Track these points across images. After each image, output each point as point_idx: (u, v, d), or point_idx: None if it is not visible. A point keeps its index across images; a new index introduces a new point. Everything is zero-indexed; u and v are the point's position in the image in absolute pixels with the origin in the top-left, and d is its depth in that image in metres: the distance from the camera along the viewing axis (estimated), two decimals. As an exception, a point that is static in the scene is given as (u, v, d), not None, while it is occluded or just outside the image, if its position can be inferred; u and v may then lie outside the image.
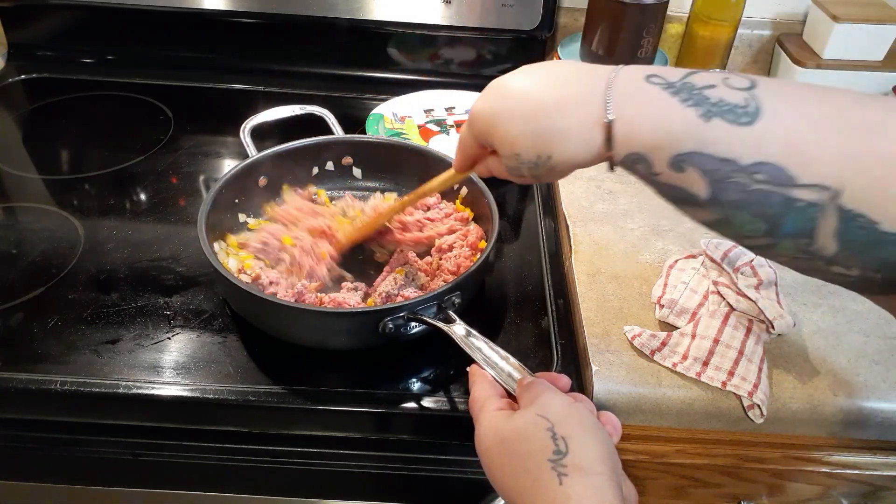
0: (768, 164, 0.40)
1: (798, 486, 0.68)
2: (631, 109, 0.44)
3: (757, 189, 0.40)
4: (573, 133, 0.45)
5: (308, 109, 0.86)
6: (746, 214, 0.42)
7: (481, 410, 0.48)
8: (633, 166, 0.45)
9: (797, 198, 0.39)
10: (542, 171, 0.47)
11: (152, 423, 0.64)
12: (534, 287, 0.74)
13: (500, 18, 1.03)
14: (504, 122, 0.47)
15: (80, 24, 1.09)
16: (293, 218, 0.75)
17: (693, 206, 0.44)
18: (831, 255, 0.40)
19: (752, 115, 0.40)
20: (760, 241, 0.43)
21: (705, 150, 0.41)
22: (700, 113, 0.41)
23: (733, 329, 0.63)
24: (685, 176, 0.42)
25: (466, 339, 0.57)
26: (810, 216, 0.40)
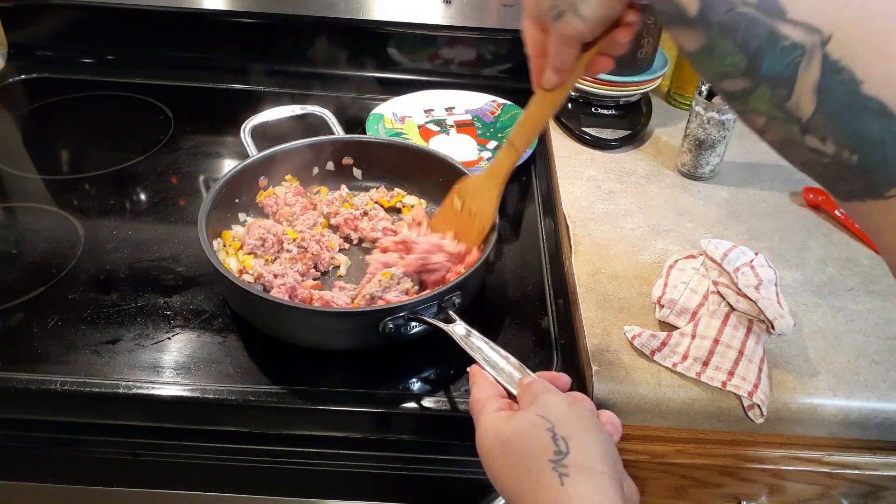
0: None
1: (798, 486, 0.68)
2: None
3: (743, 12, 0.39)
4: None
5: (308, 109, 0.86)
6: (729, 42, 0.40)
7: (482, 411, 0.48)
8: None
9: (783, 33, 0.38)
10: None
11: (152, 423, 0.64)
12: (534, 287, 0.74)
13: (500, 18, 1.03)
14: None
15: (80, 24, 1.09)
16: (287, 213, 0.76)
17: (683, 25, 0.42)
18: (807, 116, 0.38)
19: None
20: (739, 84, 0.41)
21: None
22: None
23: (733, 329, 0.63)
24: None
25: (467, 338, 0.57)
26: (792, 60, 0.38)
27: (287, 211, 0.76)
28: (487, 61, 1.10)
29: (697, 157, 0.86)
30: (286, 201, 0.77)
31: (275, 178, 0.79)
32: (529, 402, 0.46)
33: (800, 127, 0.39)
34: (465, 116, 1.01)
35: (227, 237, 0.73)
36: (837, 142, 0.37)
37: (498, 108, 1.02)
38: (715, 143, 0.85)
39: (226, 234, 0.73)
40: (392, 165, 0.83)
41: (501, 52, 1.08)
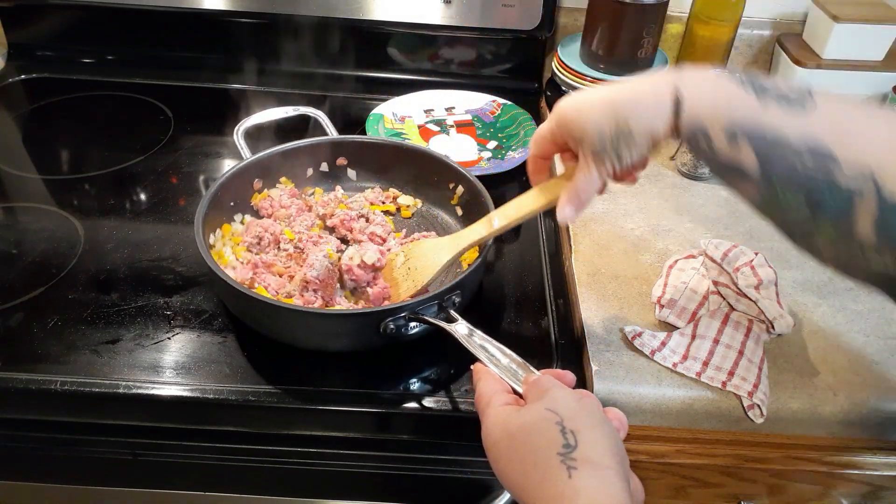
0: (815, 144, 0.44)
1: (798, 486, 0.68)
2: (695, 84, 0.49)
3: (803, 169, 0.44)
4: (647, 103, 0.51)
5: (301, 111, 0.86)
6: (792, 195, 0.45)
7: (488, 405, 0.48)
8: (696, 139, 0.49)
9: (839, 183, 0.43)
10: (624, 143, 0.51)
11: (152, 423, 0.64)
12: (534, 287, 0.74)
13: (500, 18, 1.03)
14: (587, 106, 0.53)
15: (80, 24, 1.09)
16: (283, 216, 0.76)
17: (745, 182, 0.48)
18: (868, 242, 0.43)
19: (801, 104, 0.45)
20: (804, 226, 0.46)
21: (759, 126, 0.46)
22: (756, 94, 0.47)
23: (733, 329, 0.63)
24: (739, 149, 0.47)
25: (470, 337, 0.57)
26: (851, 204, 0.43)
27: (283, 213, 0.76)
28: (487, 61, 1.10)
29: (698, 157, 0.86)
30: (281, 203, 0.77)
31: (269, 181, 0.79)
32: (537, 396, 0.46)
33: (864, 252, 0.44)
34: (465, 116, 1.01)
35: (228, 231, 0.74)
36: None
37: (498, 108, 1.02)
38: (715, 143, 0.85)
39: (226, 228, 0.74)
40: (386, 165, 0.83)
41: (501, 52, 1.08)
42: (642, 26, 0.90)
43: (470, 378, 0.62)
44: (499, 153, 0.94)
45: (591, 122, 0.52)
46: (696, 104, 0.49)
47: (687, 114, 0.49)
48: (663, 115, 0.50)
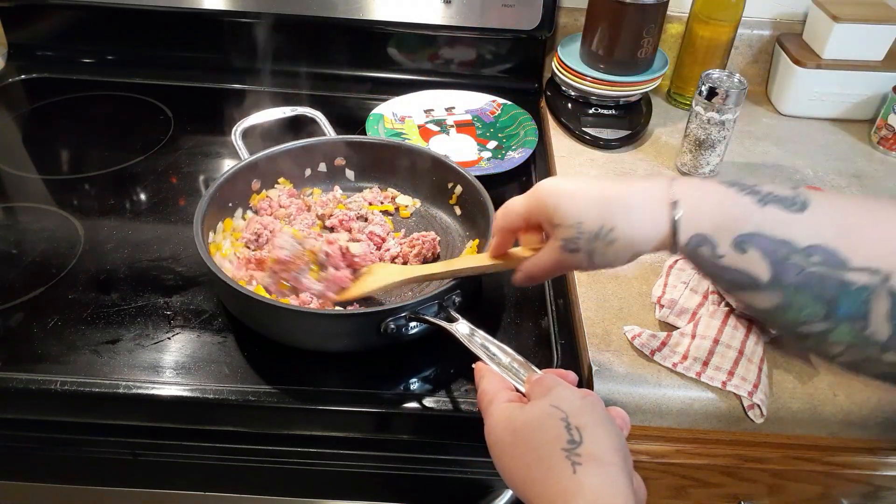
0: (821, 246, 0.44)
1: (798, 486, 0.68)
2: (693, 196, 0.48)
3: (813, 271, 0.44)
4: (639, 208, 0.49)
5: (299, 111, 0.86)
6: (806, 297, 0.45)
7: (491, 403, 0.48)
8: (697, 250, 0.48)
9: (850, 280, 0.43)
10: (600, 245, 0.49)
11: (152, 423, 0.64)
12: (534, 287, 0.74)
13: (500, 18, 1.03)
14: (573, 193, 0.50)
15: (80, 24, 1.09)
16: (282, 216, 0.76)
17: (755, 290, 0.47)
18: (885, 339, 0.43)
19: (801, 205, 0.46)
20: (818, 327, 0.46)
21: (764, 231, 0.45)
22: (755, 200, 0.46)
23: (733, 329, 0.63)
24: (747, 257, 0.46)
25: (471, 337, 0.57)
26: (864, 299, 0.43)
27: (282, 213, 0.77)
28: (487, 61, 1.10)
29: (697, 157, 0.86)
30: (280, 203, 0.77)
31: (268, 181, 0.79)
32: (541, 394, 0.46)
33: (878, 348, 0.44)
34: (465, 116, 1.01)
35: (229, 226, 0.74)
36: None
37: (498, 108, 1.02)
38: (715, 143, 0.85)
39: (228, 222, 0.75)
40: (384, 165, 0.82)
41: (501, 52, 1.08)
42: (642, 26, 0.90)
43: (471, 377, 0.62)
44: (499, 153, 0.94)
45: (574, 211, 0.49)
46: (693, 214, 0.47)
47: (685, 225, 0.47)
48: (656, 227, 0.48)
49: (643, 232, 0.49)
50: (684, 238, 0.48)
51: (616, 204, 0.49)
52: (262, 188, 0.79)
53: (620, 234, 0.49)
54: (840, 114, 1.02)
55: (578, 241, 0.50)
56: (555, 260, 0.52)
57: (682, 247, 0.48)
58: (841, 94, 1.00)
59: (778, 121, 1.03)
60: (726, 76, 0.83)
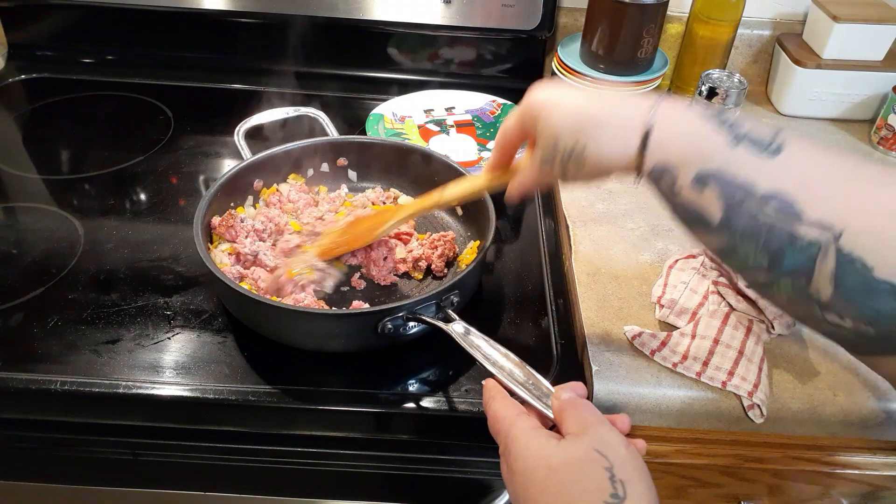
0: (780, 196, 0.42)
1: (798, 486, 0.68)
2: (670, 123, 0.46)
3: (765, 220, 0.42)
4: (613, 130, 0.47)
5: (302, 111, 0.86)
6: (752, 245, 0.43)
7: (513, 427, 0.46)
8: (658, 179, 0.47)
9: (801, 235, 0.41)
10: (572, 163, 0.49)
11: (152, 423, 0.64)
12: (534, 287, 0.74)
13: (500, 18, 1.03)
14: (556, 107, 0.49)
15: (80, 24, 1.09)
16: (291, 210, 0.77)
17: (705, 229, 0.46)
18: (826, 299, 0.42)
19: (773, 151, 0.43)
20: (761, 277, 0.45)
21: (727, 171, 0.43)
22: (729, 138, 0.44)
23: (733, 329, 0.63)
24: (704, 195, 0.44)
25: (466, 337, 0.57)
26: (810, 255, 0.41)
27: (290, 207, 0.77)
28: (487, 61, 1.10)
29: (697, 157, 0.86)
30: (289, 198, 0.78)
31: (270, 181, 0.79)
32: (580, 428, 0.45)
33: (819, 307, 0.43)
34: (465, 116, 1.01)
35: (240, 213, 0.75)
36: (855, 318, 0.41)
37: (498, 109, 1.02)
38: (715, 143, 0.84)
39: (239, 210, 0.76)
40: (387, 166, 0.83)
41: (501, 52, 1.08)
42: (642, 26, 0.90)
43: (470, 378, 0.63)
44: (499, 153, 0.94)
45: (552, 126, 0.49)
46: (665, 141, 0.46)
47: (653, 152, 0.46)
48: (626, 150, 0.47)
49: (611, 154, 0.47)
50: (648, 165, 0.46)
51: (591, 122, 0.48)
52: (264, 188, 0.79)
53: (590, 154, 0.48)
54: (840, 114, 1.02)
55: (554, 156, 0.49)
56: (535, 175, 0.53)
57: (646, 173, 0.47)
58: (841, 94, 1.00)
59: (778, 121, 1.03)
60: (726, 76, 0.83)
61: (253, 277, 0.67)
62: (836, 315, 0.42)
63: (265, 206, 0.78)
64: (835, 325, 0.43)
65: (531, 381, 0.52)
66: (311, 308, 0.64)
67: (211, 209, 0.70)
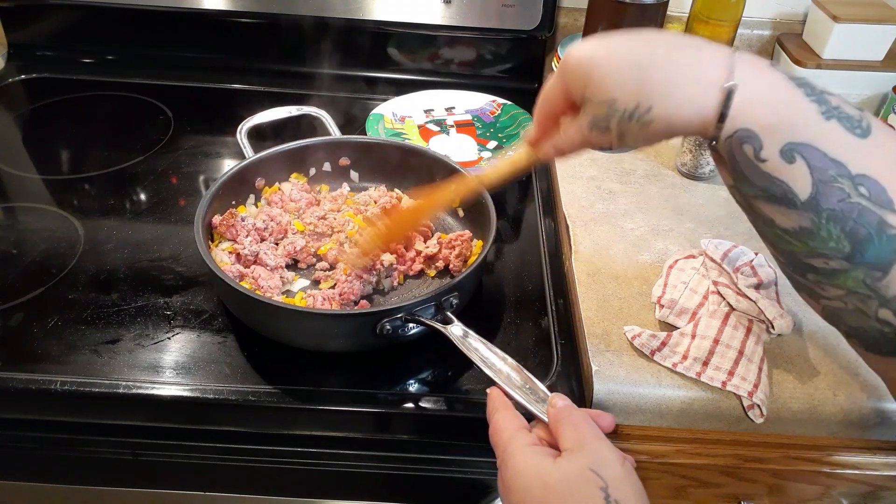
0: (873, 179, 0.39)
1: (798, 486, 0.68)
2: (755, 84, 0.41)
3: (857, 202, 0.39)
4: (685, 88, 0.41)
5: (304, 110, 0.86)
6: (836, 229, 0.40)
7: (511, 441, 0.46)
8: (741, 146, 0.41)
9: (891, 223, 0.39)
10: (634, 126, 0.43)
11: (152, 423, 0.64)
12: (534, 287, 0.74)
13: (500, 18, 1.03)
14: (607, 63, 0.43)
15: (80, 24, 1.09)
16: (293, 209, 0.77)
17: (787, 205, 0.41)
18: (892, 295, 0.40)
19: (864, 130, 0.40)
20: (835, 265, 0.41)
21: (820, 145, 0.39)
22: (821, 110, 0.40)
23: (733, 329, 0.63)
24: (792, 168, 0.40)
25: (464, 339, 0.57)
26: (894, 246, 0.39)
27: (293, 206, 0.77)
28: (487, 61, 1.09)
29: (697, 157, 0.86)
30: (291, 197, 0.78)
31: (271, 180, 0.79)
32: (576, 444, 0.44)
33: (879, 302, 0.40)
34: (465, 116, 1.01)
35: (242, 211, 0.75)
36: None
37: (498, 108, 1.02)
38: (715, 143, 0.85)
39: (241, 209, 0.76)
40: (389, 166, 0.82)
41: (501, 52, 1.08)
42: (642, 26, 0.90)
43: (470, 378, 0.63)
44: (499, 153, 0.94)
45: (606, 86, 0.43)
46: (749, 105, 0.40)
47: (736, 116, 0.41)
48: (702, 108, 0.41)
49: (682, 115, 0.42)
50: (729, 130, 0.41)
51: (658, 80, 0.41)
52: (266, 187, 0.79)
53: (658, 115, 0.42)
54: (840, 114, 1.02)
55: (611, 121, 0.43)
56: (583, 137, 0.46)
57: (725, 139, 0.42)
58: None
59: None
60: (726, 76, 0.83)
61: (253, 276, 0.67)
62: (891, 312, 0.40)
63: (267, 204, 0.78)
64: (882, 322, 0.40)
65: (528, 384, 0.52)
66: (310, 308, 0.64)
67: (212, 208, 0.70)
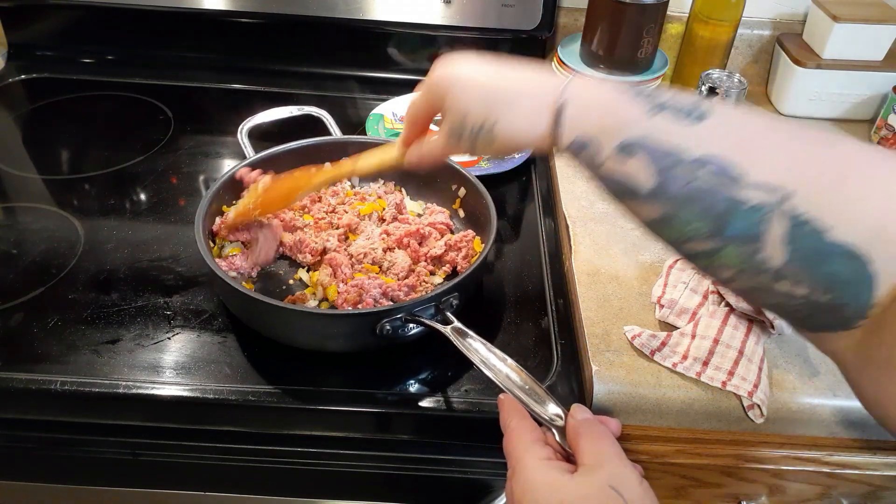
0: (715, 158, 0.40)
1: (798, 486, 0.68)
2: (583, 97, 0.45)
3: (701, 184, 0.40)
4: (524, 107, 0.47)
5: (306, 110, 0.86)
6: (690, 212, 0.41)
7: (525, 453, 0.46)
8: (579, 153, 0.45)
9: (744, 198, 0.39)
10: (482, 139, 0.48)
11: (152, 423, 0.64)
12: (534, 287, 0.74)
13: (500, 18, 1.03)
14: (463, 82, 0.49)
15: (80, 24, 1.09)
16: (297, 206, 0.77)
17: (636, 198, 0.43)
18: (778, 265, 0.39)
19: (699, 116, 0.41)
20: (704, 245, 0.42)
21: (650, 137, 0.42)
22: (648, 107, 0.42)
23: (733, 329, 0.63)
24: (630, 164, 0.42)
25: (463, 340, 0.57)
26: (756, 219, 0.39)
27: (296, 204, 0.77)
28: (487, 61, 1.09)
29: (697, 157, 0.86)
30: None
31: None
32: (594, 460, 0.44)
33: (770, 276, 0.40)
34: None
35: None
36: (809, 285, 0.39)
37: (498, 108, 1.02)
38: (715, 143, 0.84)
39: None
40: (391, 167, 0.82)
41: (501, 52, 1.08)
42: (642, 26, 0.90)
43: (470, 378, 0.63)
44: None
45: (460, 102, 0.49)
46: (579, 115, 0.45)
47: (569, 126, 0.45)
48: (537, 127, 0.46)
49: (522, 130, 0.47)
50: (566, 140, 0.45)
51: (502, 104, 0.47)
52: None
53: (500, 130, 0.48)
54: (840, 114, 1.02)
55: (463, 132, 0.49)
56: (442, 146, 0.52)
57: (565, 148, 0.46)
58: (841, 94, 1.00)
59: (778, 121, 1.03)
60: (726, 76, 0.83)
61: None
62: (788, 283, 0.39)
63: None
64: (785, 295, 0.40)
65: (528, 385, 0.52)
66: (310, 308, 0.64)
67: (212, 207, 0.70)
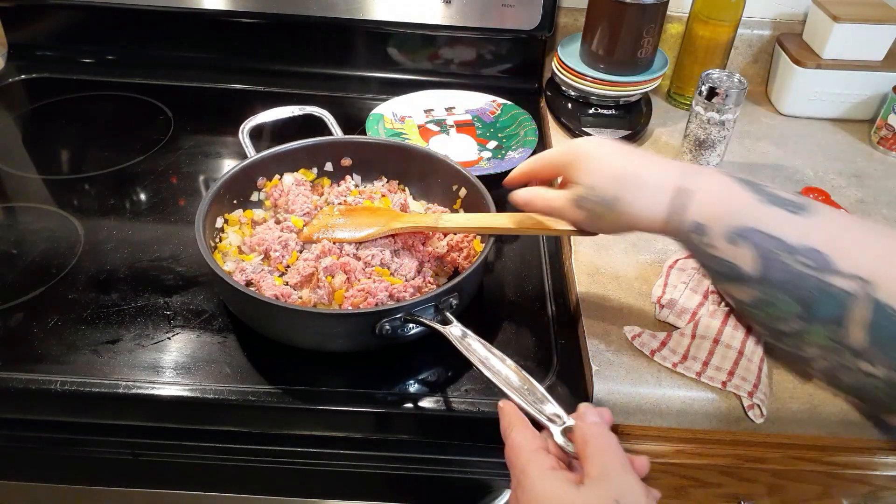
0: (812, 248, 0.47)
1: (798, 486, 0.68)
2: (701, 184, 0.52)
3: (799, 270, 0.47)
4: (649, 187, 0.53)
5: (307, 110, 0.86)
6: (786, 295, 0.48)
7: (529, 463, 0.45)
8: (690, 235, 0.52)
9: (833, 283, 0.46)
10: (605, 210, 0.54)
11: (152, 423, 0.64)
12: (534, 287, 0.74)
13: (500, 18, 1.03)
14: (601, 160, 0.55)
15: (80, 24, 1.09)
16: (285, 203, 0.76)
17: (740, 282, 0.50)
18: (860, 347, 0.45)
19: (801, 210, 0.49)
20: (794, 325, 0.49)
21: (760, 227, 0.49)
22: (759, 198, 0.50)
23: (733, 329, 0.63)
24: (738, 250, 0.49)
25: (463, 340, 0.57)
26: (843, 304, 0.45)
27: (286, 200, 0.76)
28: (487, 61, 1.09)
29: (697, 157, 0.86)
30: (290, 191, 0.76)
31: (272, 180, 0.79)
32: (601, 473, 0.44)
33: (853, 354, 0.47)
34: (465, 116, 1.01)
35: (235, 221, 0.74)
36: (888, 366, 0.45)
37: (498, 108, 1.02)
38: (715, 143, 0.85)
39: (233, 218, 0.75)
40: (392, 167, 0.82)
41: (501, 52, 1.08)
42: (642, 26, 0.90)
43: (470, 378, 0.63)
44: (499, 153, 0.94)
45: (595, 176, 0.54)
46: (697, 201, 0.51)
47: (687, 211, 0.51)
48: (659, 204, 0.52)
49: (646, 208, 0.53)
50: (687, 225, 0.52)
51: (630, 188, 0.53)
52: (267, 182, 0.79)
53: (624, 211, 0.53)
54: (840, 114, 1.02)
55: (591, 203, 0.54)
56: (562, 207, 0.57)
57: (681, 233, 0.52)
58: (841, 94, 1.00)
59: (778, 121, 1.03)
60: (726, 76, 0.83)
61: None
62: (869, 363, 0.45)
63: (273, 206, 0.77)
64: (867, 374, 0.46)
65: (527, 386, 0.52)
66: (310, 308, 0.64)
67: (213, 207, 0.70)
